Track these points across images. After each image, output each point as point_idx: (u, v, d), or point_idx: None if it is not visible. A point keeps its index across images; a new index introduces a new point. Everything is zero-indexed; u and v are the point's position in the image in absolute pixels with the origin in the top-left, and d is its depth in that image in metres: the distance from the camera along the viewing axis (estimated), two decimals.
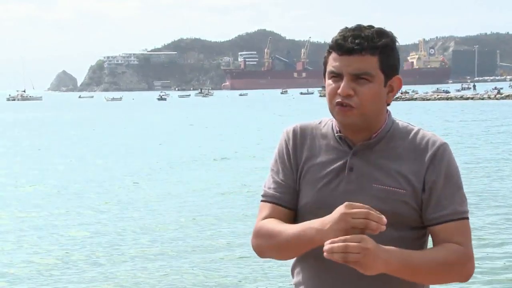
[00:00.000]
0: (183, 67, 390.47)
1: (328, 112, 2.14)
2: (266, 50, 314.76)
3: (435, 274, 2.00)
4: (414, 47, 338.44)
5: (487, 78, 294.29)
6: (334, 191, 2.10)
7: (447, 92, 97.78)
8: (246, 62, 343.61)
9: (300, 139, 2.19)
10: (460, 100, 79.64)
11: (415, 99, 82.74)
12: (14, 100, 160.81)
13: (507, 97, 75.89)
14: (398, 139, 2.13)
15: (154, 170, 21.54)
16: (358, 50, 2.03)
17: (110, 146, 31.26)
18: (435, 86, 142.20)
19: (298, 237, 2.01)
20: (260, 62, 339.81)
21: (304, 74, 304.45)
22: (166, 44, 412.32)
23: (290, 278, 2.25)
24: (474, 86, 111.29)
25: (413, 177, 2.08)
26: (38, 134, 41.02)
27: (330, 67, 2.08)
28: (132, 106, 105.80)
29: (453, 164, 2.11)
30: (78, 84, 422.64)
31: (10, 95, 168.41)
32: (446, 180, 2.08)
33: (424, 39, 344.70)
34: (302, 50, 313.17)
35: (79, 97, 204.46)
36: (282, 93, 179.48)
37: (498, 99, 76.01)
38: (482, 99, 78.23)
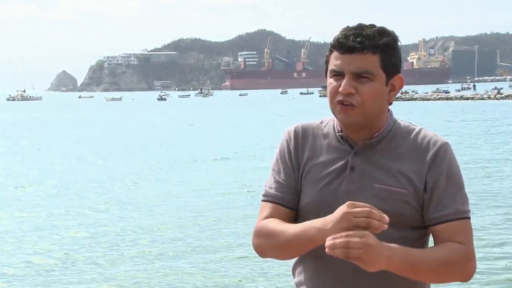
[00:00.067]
0: (183, 67, 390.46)
1: (329, 111, 2.14)
2: (266, 50, 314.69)
3: (436, 272, 1.99)
4: (414, 47, 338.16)
5: (487, 78, 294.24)
6: (335, 191, 2.09)
7: (447, 92, 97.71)
8: (246, 62, 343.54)
9: (301, 139, 2.19)
10: (460, 100, 79.63)
11: (415, 99, 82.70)
12: (14, 100, 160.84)
13: (507, 97, 75.84)
14: (399, 139, 2.13)
15: (154, 170, 21.53)
16: (360, 49, 2.03)
17: (110, 146, 31.26)
18: (435, 86, 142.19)
19: (299, 236, 2.01)
20: (260, 62, 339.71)
21: (304, 74, 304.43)
22: (166, 44, 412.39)
23: (291, 278, 2.24)
24: (474, 86, 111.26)
25: (414, 176, 2.07)
26: (38, 134, 41.01)
27: (331, 66, 2.09)
28: (132, 106, 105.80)
29: (454, 163, 2.11)
30: (78, 84, 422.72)
31: (10, 95, 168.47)
32: (448, 179, 2.07)
33: (424, 39, 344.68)
34: (302, 50, 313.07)
35: (79, 97, 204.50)
36: (282, 93, 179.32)
37: (498, 99, 75.96)
38: (482, 99, 78.20)
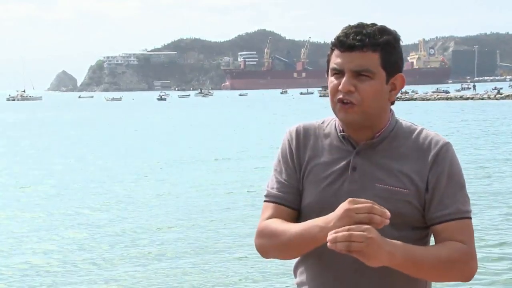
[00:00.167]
0: (183, 67, 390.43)
1: (329, 111, 2.14)
2: (266, 50, 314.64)
3: (437, 270, 1.99)
4: (414, 47, 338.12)
5: (487, 78, 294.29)
6: (337, 191, 2.09)
7: (447, 92, 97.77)
8: (246, 62, 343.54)
9: (303, 139, 2.19)
10: (460, 100, 79.64)
11: (415, 99, 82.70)
12: (14, 100, 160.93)
13: (507, 97, 75.85)
14: (401, 139, 2.12)
15: (154, 170, 21.53)
16: (360, 47, 2.03)
17: (110, 146, 31.26)
18: (435, 86, 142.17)
19: (301, 235, 2.00)
20: (260, 62, 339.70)
21: (304, 74, 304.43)
22: (166, 44, 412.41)
23: (291, 278, 2.24)
24: (474, 86, 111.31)
25: (416, 176, 2.07)
26: (38, 134, 41.01)
27: (332, 64, 2.09)
28: (132, 106, 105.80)
29: (455, 163, 2.10)
30: (78, 84, 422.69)
31: (10, 95, 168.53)
32: (449, 179, 2.07)
33: (424, 39, 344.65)
34: (302, 50, 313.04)
35: (79, 97, 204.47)
36: (282, 93, 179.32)
37: (498, 99, 75.97)
38: (482, 99, 78.21)
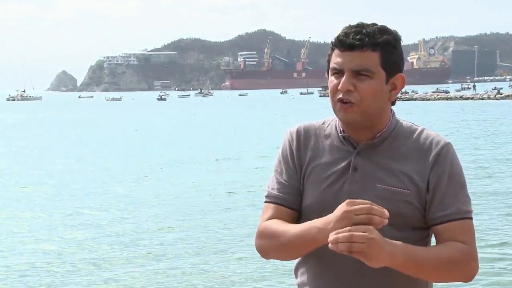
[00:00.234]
0: (183, 67, 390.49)
1: (329, 112, 2.14)
2: (266, 50, 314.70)
3: (438, 270, 1.98)
4: (414, 47, 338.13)
5: (487, 78, 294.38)
6: (338, 192, 2.09)
7: (447, 92, 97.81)
8: (246, 62, 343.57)
9: (304, 140, 2.19)
10: (460, 100, 79.65)
11: (415, 99, 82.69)
12: (14, 100, 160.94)
13: (507, 97, 75.83)
14: (402, 139, 2.12)
15: (154, 170, 21.52)
16: (359, 46, 2.03)
17: (110, 146, 31.26)
18: (435, 86, 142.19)
19: (301, 236, 2.00)
20: (260, 62, 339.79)
21: (304, 74, 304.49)
22: (166, 44, 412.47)
23: (290, 279, 2.24)
24: (474, 86, 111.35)
25: (417, 177, 2.07)
26: (38, 134, 41.00)
27: (332, 64, 2.09)
28: (132, 106, 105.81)
29: (456, 163, 2.10)
30: (78, 84, 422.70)
31: (10, 95, 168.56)
32: (450, 179, 2.07)
33: (424, 39, 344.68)
34: (302, 50, 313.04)
35: (79, 97, 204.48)
36: (282, 93, 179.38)
37: (498, 99, 75.97)
38: (482, 99, 78.23)
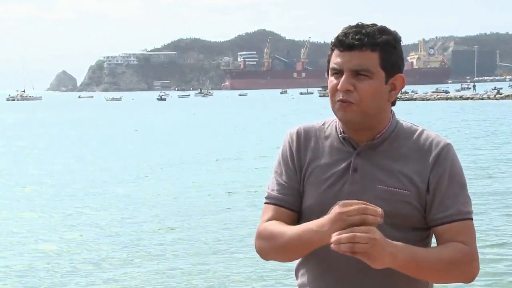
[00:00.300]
0: (183, 67, 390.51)
1: (329, 112, 2.14)
2: (266, 50, 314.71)
3: (439, 271, 1.98)
4: (414, 47, 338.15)
5: (487, 78, 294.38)
6: (338, 193, 2.09)
7: (447, 92, 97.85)
8: (246, 62, 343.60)
9: (304, 141, 2.18)
10: (459, 100, 79.68)
11: (415, 99, 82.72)
12: (14, 100, 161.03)
13: (507, 97, 75.89)
14: (402, 140, 2.12)
15: (154, 170, 21.51)
16: (359, 46, 2.03)
17: (110, 146, 31.26)
18: (435, 86, 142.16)
19: (298, 238, 2.00)
20: (260, 62, 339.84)
21: (303, 74, 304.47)
22: (166, 44, 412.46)
23: (290, 280, 2.24)
24: (474, 86, 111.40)
25: (417, 177, 2.07)
26: (38, 134, 41.01)
27: (331, 64, 2.09)
28: (131, 106, 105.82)
29: (457, 164, 2.10)
30: (78, 84, 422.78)
31: (10, 95, 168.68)
32: (450, 180, 2.07)
33: (424, 39, 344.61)
34: (302, 50, 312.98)
35: (79, 97, 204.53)
36: (281, 93, 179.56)
37: (497, 99, 76.01)
38: (482, 99, 78.26)
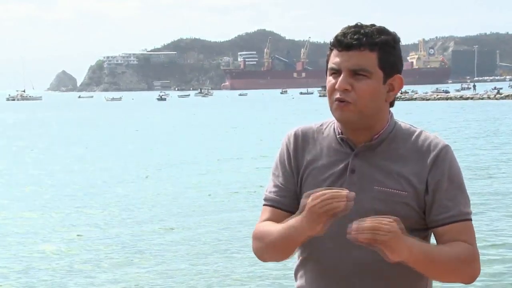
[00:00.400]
0: (183, 67, 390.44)
1: (329, 113, 2.13)
2: (266, 50, 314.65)
3: (447, 268, 1.99)
4: (414, 47, 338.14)
5: (487, 78, 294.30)
6: None
7: (447, 92, 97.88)
8: (246, 62, 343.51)
9: (301, 143, 2.19)
10: (459, 100, 79.71)
11: (415, 99, 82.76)
12: (14, 100, 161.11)
13: (507, 97, 75.91)
14: (400, 141, 2.12)
15: (154, 170, 21.51)
16: (357, 46, 2.04)
17: (110, 146, 31.26)
18: (435, 86, 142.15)
19: (281, 237, 2.02)
20: (260, 62, 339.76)
21: (303, 74, 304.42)
22: (166, 44, 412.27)
23: (290, 281, 2.24)
24: (474, 86, 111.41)
25: (414, 178, 2.07)
26: (38, 134, 41.01)
27: (330, 64, 2.10)
28: (131, 106, 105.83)
29: (455, 165, 2.10)
30: (78, 84, 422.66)
31: (10, 95, 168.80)
32: (449, 181, 2.07)
33: (424, 39, 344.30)
34: (302, 50, 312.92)
35: (79, 97, 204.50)
36: (281, 93, 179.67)
37: (497, 99, 76.05)
38: (482, 99, 78.30)
